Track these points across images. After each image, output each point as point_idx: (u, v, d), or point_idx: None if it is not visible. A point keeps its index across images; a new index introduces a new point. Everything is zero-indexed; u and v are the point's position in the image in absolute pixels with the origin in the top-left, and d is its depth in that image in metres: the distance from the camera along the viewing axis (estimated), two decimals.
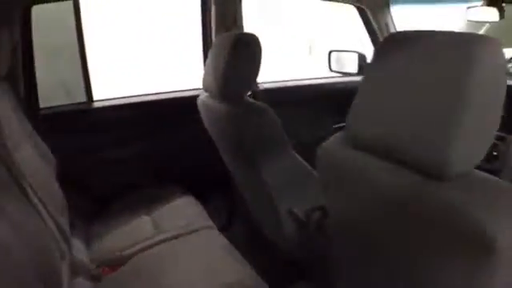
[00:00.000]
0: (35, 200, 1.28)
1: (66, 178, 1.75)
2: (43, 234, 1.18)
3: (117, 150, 2.02)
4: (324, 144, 0.92)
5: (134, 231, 1.62)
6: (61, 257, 1.27)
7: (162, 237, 1.55)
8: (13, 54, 1.66)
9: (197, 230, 1.57)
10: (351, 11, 2.37)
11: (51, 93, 2.00)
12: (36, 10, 1.80)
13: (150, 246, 1.51)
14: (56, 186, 1.62)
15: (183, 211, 1.72)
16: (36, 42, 1.81)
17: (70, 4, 1.98)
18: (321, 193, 1.01)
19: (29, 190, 1.27)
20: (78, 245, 1.55)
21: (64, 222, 1.47)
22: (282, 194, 1.43)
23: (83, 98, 2.08)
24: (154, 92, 2.23)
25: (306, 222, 1.37)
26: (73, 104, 2.08)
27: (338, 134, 0.92)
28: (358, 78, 2.13)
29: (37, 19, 1.80)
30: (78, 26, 2.02)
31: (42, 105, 1.92)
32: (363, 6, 2.28)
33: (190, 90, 2.19)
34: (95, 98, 2.11)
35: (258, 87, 2.17)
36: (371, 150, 0.82)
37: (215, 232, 1.58)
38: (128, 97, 2.19)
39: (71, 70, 2.06)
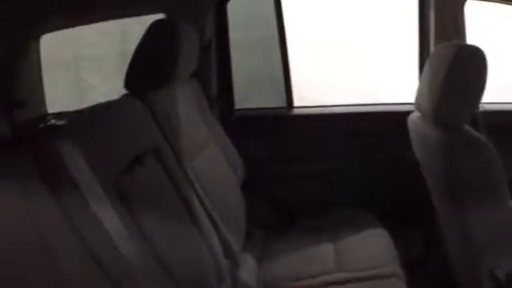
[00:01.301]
0: (201, 215, 1.28)
1: (252, 186, 1.75)
2: (197, 258, 1.16)
3: (309, 163, 1.91)
4: None
5: (312, 259, 1.52)
6: (218, 280, 1.24)
7: (341, 276, 1.43)
8: (204, 52, 1.63)
9: (381, 278, 1.41)
10: None
11: (246, 94, 1.93)
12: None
13: (325, 284, 1.40)
14: (238, 192, 1.62)
15: (372, 246, 1.56)
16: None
17: None
18: None
19: (195, 204, 1.27)
20: (248, 261, 1.51)
21: (236, 237, 1.44)
22: (486, 249, 1.29)
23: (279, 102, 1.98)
24: (359, 103, 2.10)
25: (505, 284, 1.25)
26: (270, 108, 2.03)
27: None
28: None
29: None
30: (280, 21, 1.87)
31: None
32: None
33: (402, 104, 1.97)
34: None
35: (478, 108, 1.77)
36: None
37: (401, 284, 1.40)
38: (330, 106, 2.06)
39: (270, 69, 1.95)
